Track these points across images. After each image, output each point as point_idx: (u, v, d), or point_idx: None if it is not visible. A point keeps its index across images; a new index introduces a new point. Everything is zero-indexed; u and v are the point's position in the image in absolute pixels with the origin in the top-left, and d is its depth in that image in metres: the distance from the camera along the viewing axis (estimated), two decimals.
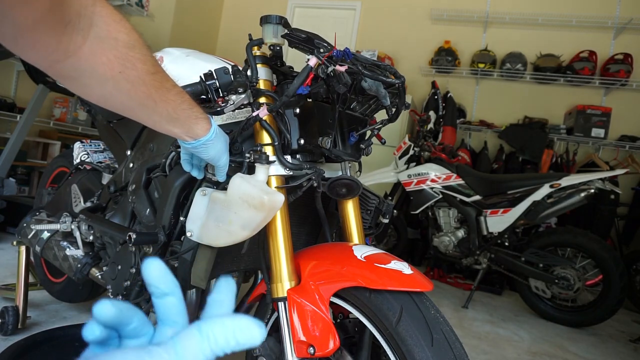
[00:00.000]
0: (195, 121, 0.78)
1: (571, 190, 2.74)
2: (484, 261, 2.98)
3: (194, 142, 0.80)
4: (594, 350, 2.41)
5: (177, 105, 0.73)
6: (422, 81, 4.71)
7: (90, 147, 1.64)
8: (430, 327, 0.74)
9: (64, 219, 1.40)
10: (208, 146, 0.82)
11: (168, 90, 0.70)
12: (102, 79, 0.59)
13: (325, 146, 0.90)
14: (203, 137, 0.80)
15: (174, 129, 0.77)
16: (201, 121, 0.79)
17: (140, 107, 0.68)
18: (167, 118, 0.73)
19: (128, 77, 0.62)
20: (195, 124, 0.78)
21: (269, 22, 0.92)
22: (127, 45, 0.59)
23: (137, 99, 0.66)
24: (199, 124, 0.79)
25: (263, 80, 0.94)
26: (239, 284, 1.14)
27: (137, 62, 0.61)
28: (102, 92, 0.62)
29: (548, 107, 4.35)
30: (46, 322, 1.70)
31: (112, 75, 0.60)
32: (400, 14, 4.92)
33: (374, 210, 1.12)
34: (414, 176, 3.10)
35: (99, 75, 0.59)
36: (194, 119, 0.77)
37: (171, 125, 0.76)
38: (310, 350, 0.81)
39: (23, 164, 3.63)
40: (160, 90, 0.68)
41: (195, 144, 0.81)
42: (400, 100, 0.91)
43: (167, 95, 0.70)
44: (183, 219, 0.97)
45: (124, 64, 0.60)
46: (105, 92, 0.62)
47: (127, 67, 0.60)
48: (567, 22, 4.28)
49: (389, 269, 0.81)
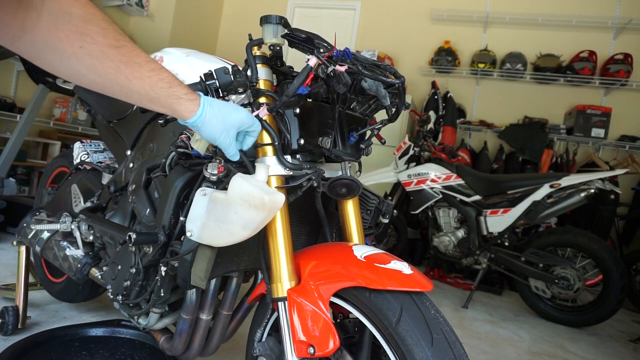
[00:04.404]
0: (177, 102, 0.75)
1: (571, 190, 2.74)
2: (484, 261, 2.98)
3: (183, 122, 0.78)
4: (594, 350, 2.41)
5: (154, 83, 0.70)
6: (422, 81, 4.71)
7: (90, 147, 1.64)
8: (430, 327, 0.74)
9: (64, 219, 1.40)
10: (198, 127, 0.79)
11: (139, 66, 0.67)
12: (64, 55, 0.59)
13: (325, 146, 0.90)
14: (188, 121, 0.78)
15: (157, 109, 0.74)
16: (184, 102, 0.76)
17: (113, 84, 0.66)
18: (147, 97, 0.71)
19: (90, 51, 0.61)
20: (177, 105, 0.75)
21: (269, 22, 0.92)
22: (82, 19, 0.59)
23: (106, 76, 0.65)
24: (182, 104, 0.76)
25: (263, 80, 0.94)
26: (239, 284, 1.14)
27: (96, 36, 0.61)
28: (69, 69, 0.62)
29: (548, 107, 4.35)
30: (46, 322, 1.70)
31: (73, 51, 0.59)
32: (400, 14, 4.92)
33: (374, 210, 1.12)
34: (414, 176, 3.10)
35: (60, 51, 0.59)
36: (175, 99, 0.74)
37: (154, 105, 0.73)
38: (310, 350, 0.81)
39: (23, 164, 3.62)
40: (130, 66, 0.66)
41: (188, 123, 0.79)
42: (400, 100, 0.91)
43: (140, 71, 0.68)
44: (183, 219, 0.97)
45: (82, 39, 0.59)
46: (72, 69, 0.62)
47: (87, 41, 0.60)
48: (567, 22, 4.28)
49: (389, 269, 0.81)
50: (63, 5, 0.57)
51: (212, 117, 0.80)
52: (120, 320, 1.55)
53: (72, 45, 0.59)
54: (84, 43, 0.60)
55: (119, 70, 0.65)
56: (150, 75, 0.69)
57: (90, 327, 1.51)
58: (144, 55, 0.69)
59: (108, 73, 0.64)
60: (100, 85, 0.66)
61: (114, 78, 0.65)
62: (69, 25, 0.58)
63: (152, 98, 0.72)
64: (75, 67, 0.61)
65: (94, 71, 0.63)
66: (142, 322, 1.14)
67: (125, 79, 0.66)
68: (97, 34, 0.61)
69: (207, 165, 0.90)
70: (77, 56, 0.60)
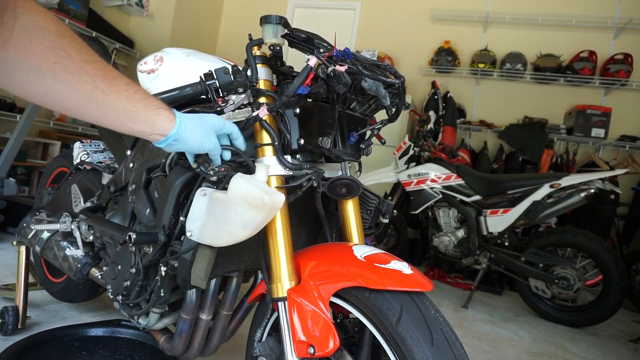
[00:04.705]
0: (156, 112, 0.73)
1: (571, 190, 2.74)
2: (484, 261, 2.98)
3: (164, 140, 0.76)
4: (594, 350, 2.41)
5: (131, 96, 0.69)
6: (422, 81, 4.71)
7: (90, 147, 1.64)
8: (430, 327, 0.74)
9: (64, 219, 1.40)
10: (180, 141, 0.78)
11: (115, 79, 0.66)
12: (38, 71, 0.59)
13: (325, 146, 0.90)
14: (171, 133, 0.75)
15: (136, 126, 0.72)
16: (163, 112, 0.74)
17: (90, 101, 0.65)
18: (125, 113, 0.69)
19: (65, 66, 0.60)
20: (157, 116, 0.73)
21: (269, 22, 0.92)
22: (57, 34, 0.59)
23: (83, 92, 0.63)
24: (161, 114, 0.74)
25: (263, 80, 0.94)
26: (239, 284, 1.14)
27: (70, 50, 0.60)
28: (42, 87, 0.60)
29: (548, 107, 4.35)
30: (46, 322, 1.70)
31: (48, 66, 0.59)
32: (400, 14, 4.92)
33: (374, 210, 1.12)
34: (414, 176, 3.10)
35: (34, 67, 0.58)
36: (154, 109, 0.72)
37: (132, 122, 0.71)
38: (310, 350, 0.81)
39: (23, 164, 3.62)
40: (106, 80, 0.65)
41: (168, 142, 0.76)
42: (400, 100, 0.91)
43: (117, 85, 0.67)
44: (183, 219, 0.97)
45: (57, 53, 0.59)
46: (46, 87, 0.61)
47: (61, 55, 0.60)
48: (567, 22, 4.28)
49: (389, 269, 0.81)
50: (38, 21, 0.57)
51: (190, 123, 0.78)
52: (120, 320, 1.55)
53: (47, 60, 0.58)
54: (59, 58, 0.59)
55: (95, 85, 0.64)
56: (127, 89, 0.68)
57: (90, 327, 1.51)
58: (116, 71, 0.68)
59: (84, 88, 0.63)
60: (74, 103, 0.64)
61: (90, 94, 0.64)
62: (44, 40, 0.57)
63: (131, 113, 0.70)
64: (49, 83, 0.60)
65: (70, 87, 0.62)
66: (142, 322, 1.14)
67: (102, 93, 0.65)
68: (71, 48, 0.61)
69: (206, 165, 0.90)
70: (53, 71, 0.59)
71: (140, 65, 1.10)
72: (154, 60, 1.09)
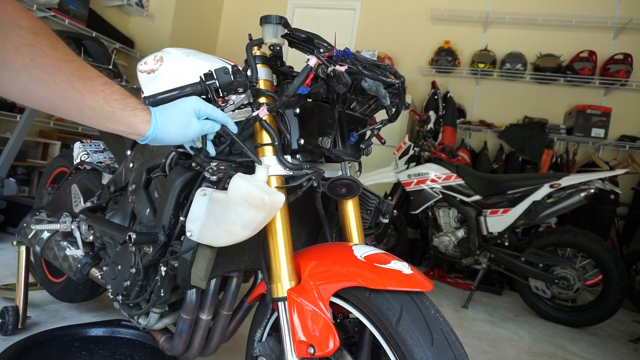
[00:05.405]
0: (133, 113, 0.73)
1: (571, 190, 2.74)
2: (484, 261, 2.98)
3: (143, 139, 0.76)
4: (594, 350, 2.41)
5: (108, 96, 0.68)
6: (422, 81, 4.71)
7: (90, 147, 1.64)
8: (430, 327, 0.74)
9: (64, 219, 1.40)
10: (160, 138, 0.78)
11: (92, 80, 0.66)
12: (13, 68, 0.58)
13: (325, 146, 0.90)
14: (147, 133, 0.75)
15: (113, 126, 0.72)
16: (139, 112, 0.74)
17: (66, 100, 0.64)
18: (102, 113, 0.68)
19: (40, 65, 0.60)
20: (134, 117, 0.73)
21: (269, 22, 0.92)
22: (32, 32, 0.58)
23: (58, 91, 0.63)
24: (138, 115, 0.73)
25: (263, 80, 0.94)
26: (239, 284, 1.14)
27: (46, 49, 0.60)
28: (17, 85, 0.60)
29: (548, 107, 4.35)
30: (46, 322, 1.70)
31: (23, 64, 0.58)
32: (400, 14, 4.92)
33: (374, 210, 1.12)
34: (414, 176, 3.10)
35: (9, 64, 0.58)
36: (131, 110, 0.72)
37: (109, 122, 0.70)
38: (310, 350, 0.81)
39: (23, 164, 3.62)
40: (82, 80, 0.65)
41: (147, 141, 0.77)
42: (400, 100, 0.91)
43: (93, 85, 0.66)
44: (183, 219, 0.97)
45: (32, 51, 0.59)
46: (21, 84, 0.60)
47: (37, 54, 0.59)
48: (567, 22, 4.28)
49: (389, 269, 0.81)
50: (12, 18, 0.56)
51: (166, 119, 0.78)
52: (120, 320, 1.55)
53: (23, 58, 0.58)
54: (35, 56, 0.59)
55: (72, 84, 0.63)
56: (104, 89, 0.68)
57: (90, 327, 1.51)
58: (94, 70, 0.67)
59: (60, 88, 0.63)
60: (51, 102, 0.64)
61: (66, 93, 0.64)
62: (19, 37, 0.57)
63: (107, 113, 0.69)
64: (25, 81, 0.60)
65: (46, 86, 0.61)
66: (142, 322, 1.14)
67: (78, 93, 0.65)
68: (47, 47, 0.60)
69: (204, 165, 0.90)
70: (28, 69, 0.59)
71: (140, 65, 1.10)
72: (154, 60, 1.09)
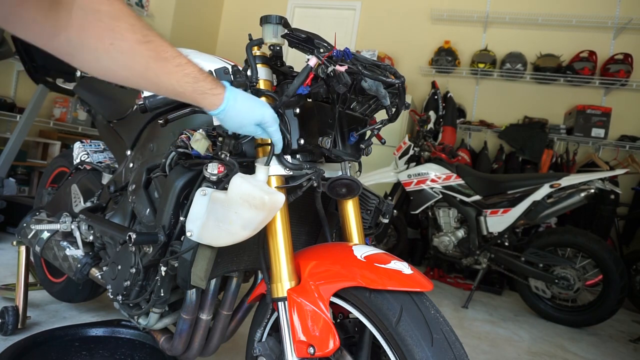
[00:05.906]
0: (202, 97, 0.76)
1: (571, 190, 2.74)
2: (484, 261, 2.98)
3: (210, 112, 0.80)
4: (594, 350, 2.41)
5: (180, 78, 0.71)
6: (422, 81, 4.71)
7: (90, 147, 1.64)
8: (430, 327, 0.74)
9: (64, 219, 1.40)
10: (221, 119, 0.82)
11: (167, 61, 0.69)
12: (96, 53, 0.61)
13: (325, 146, 0.90)
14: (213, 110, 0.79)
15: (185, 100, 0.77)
16: (208, 97, 0.77)
17: (143, 79, 0.68)
18: (174, 92, 0.73)
19: (120, 48, 0.62)
20: (202, 100, 0.77)
21: (269, 22, 0.92)
22: (111, 16, 0.60)
23: (137, 72, 0.66)
24: (206, 99, 0.77)
25: (263, 80, 0.94)
26: (239, 284, 1.14)
27: (125, 32, 0.62)
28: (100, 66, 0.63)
29: (548, 107, 4.35)
30: (46, 322, 1.70)
31: (105, 48, 0.61)
32: (400, 14, 4.92)
33: (374, 210, 1.12)
34: (414, 176, 3.10)
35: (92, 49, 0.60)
36: (200, 94, 0.75)
37: (180, 98, 0.75)
38: (310, 350, 0.81)
39: (23, 164, 3.62)
40: (158, 62, 0.67)
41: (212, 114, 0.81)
42: (400, 100, 0.91)
43: (167, 67, 0.69)
44: (183, 219, 0.97)
45: (112, 35, 0.61)
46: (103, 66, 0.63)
47: (117, 38, 0.61)
48: (567, 22, 4.28)
49: (389, 269, 0.81)
50: (92, 3, 0.59)
51: (233, 112, 0.81)
52: (120, 320, 1.55)
53: (104, 42, 0.61)
54: (114, 40, 0.61)
55: (148, 67, 0.67)
56: (177, 70, 0.71)
57: (90, 327, 1.51)
58: (171, 49, 0.70)
59: (138, 70, 0.66)
60: (132, 81, 0.68)
61: (144, 74, 0.68)
62: (100, 22, 0.59)
63: (178, 93, 0.74)
64: (107, 64, 0.63)
65: (126, 68, 0.65)
66: (142, 322, 1.14)
67: (154, 75, 0.68)
68: (126, 30, 0.62)
69: (207, 165, 0.90)
70: (109, 53, 0.62)
71: None
72: None
